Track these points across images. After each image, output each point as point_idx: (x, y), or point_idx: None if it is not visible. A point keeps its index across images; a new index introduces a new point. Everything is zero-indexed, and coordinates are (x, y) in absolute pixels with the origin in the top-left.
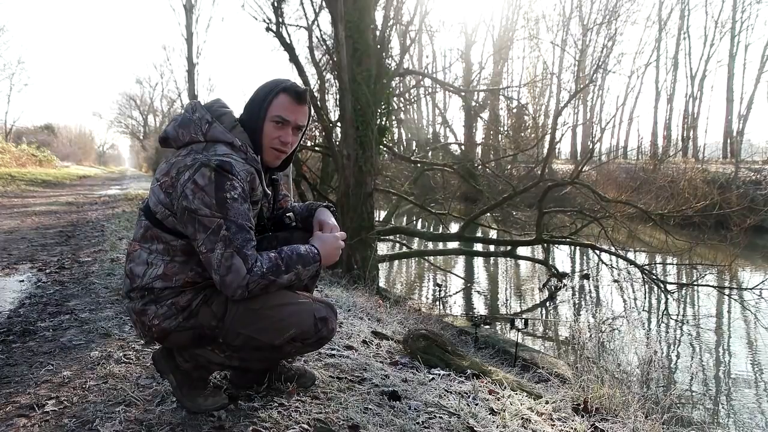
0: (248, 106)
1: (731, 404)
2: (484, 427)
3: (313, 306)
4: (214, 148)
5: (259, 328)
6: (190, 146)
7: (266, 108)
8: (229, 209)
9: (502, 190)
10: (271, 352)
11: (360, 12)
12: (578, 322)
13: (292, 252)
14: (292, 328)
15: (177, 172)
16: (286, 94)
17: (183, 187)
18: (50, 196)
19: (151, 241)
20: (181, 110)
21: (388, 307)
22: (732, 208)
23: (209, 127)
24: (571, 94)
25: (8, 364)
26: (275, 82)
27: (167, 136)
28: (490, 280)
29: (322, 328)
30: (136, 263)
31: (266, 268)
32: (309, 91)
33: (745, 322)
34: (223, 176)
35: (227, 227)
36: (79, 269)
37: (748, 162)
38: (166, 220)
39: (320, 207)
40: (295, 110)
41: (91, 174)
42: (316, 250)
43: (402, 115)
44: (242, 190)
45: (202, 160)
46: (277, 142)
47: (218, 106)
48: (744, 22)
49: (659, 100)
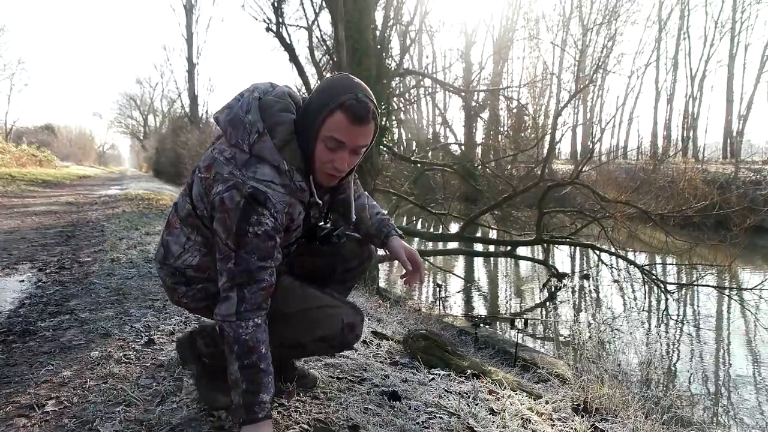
0: (301, 117)
1: (731, 404)
2: (484, 427)
3: (343, 310)
4: (255, 168)
5: (287, 327)
6: (235, 150)
7: (319, 126)
8: (247, 244)
9: (502, 190)
10: (295, 349)
11: (360, 12)
12: (578, 322)
13: (259, 374)
14: (319, 330)
15: (214, 176)
16: (343, 113)
17: (214, 198)
18: (50, 196)
19: (191, 228)
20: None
21: (388, 307)
22: (732, 209)
23: (258, 140)
24: (571, 94)
25: (8, 364)
26: (334, 92)
27: (218, 123)
28: (490, 280)
29: (348, 334)
30: (173, 239)
31: (246, 335)
32: (373, 107)
33: (745, 322)
34: (252, 208)
35: (236, 262)
36: (79, 269)
37: (748, 162)
38: (205, 218)
39: (392, 235)
40: (354, 132)
41: (91, 174)
42: (250, 417)
43: (402, 115)
44: (272, 227)
45: (237, 181)
46: (330, 167)
47: (278, 109)
48: (744, 22)
49: (659, 100)
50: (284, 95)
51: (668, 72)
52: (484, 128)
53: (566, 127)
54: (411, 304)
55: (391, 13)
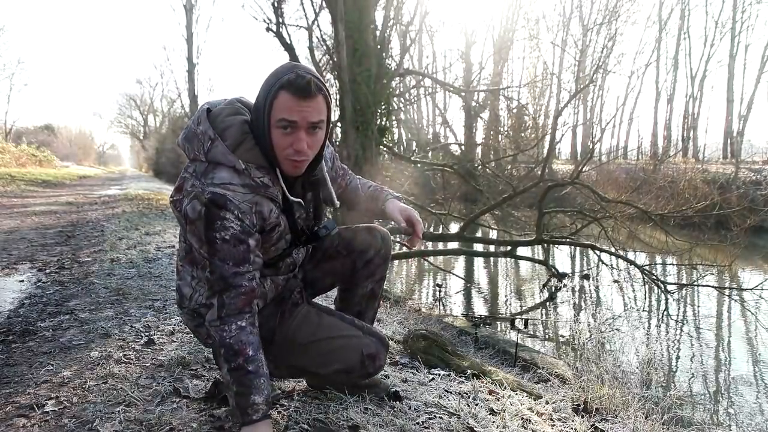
0: (254, 114)
1: (731, 404)
2: (484, 427)
3: (362, 341)
4: (213, 173)
5: (306, 358)
6: (195, 163)
7: (268, 112)
8: (218, 251)
9: (502, 190)
10: (316, 377)
11: (360, 12)
12: (578, 322)
13: (247, 375)
14: (335, 364)
15: (183, 195)
16: (286, 91)
17: (184, 217)
18: (50, 196)
19: (192, 265)
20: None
21: (388, 307)
22: (732, 209)
23: (211, 146)
24: (571, 95)
25: (8, 364)
26: (274, 76)
27: (179, 145)
28: (490, 280)
29: (369, 365)
30: (183, 283)
31: (230, 338)
32: (316, 80)
33: (745, 322)
34: (214, 213)
35: (211, 270)
36: (79, 269)
37: (748, 162)
38: (192, 246)
39: (389, 199)
40: (302, 107)
41: (91, 174)
42: (245, 420)
43: (402, 115)
44: (240, 229)
45: (197, 191)
46: (291, 152)
47: (227, 114)
48: (744, 22)
49: (659, 100)
50: (233, 102)
51: (668, 72)
52: (484, 128)
53: (566, 127)
54: (411, 304)
55: (391, 13)
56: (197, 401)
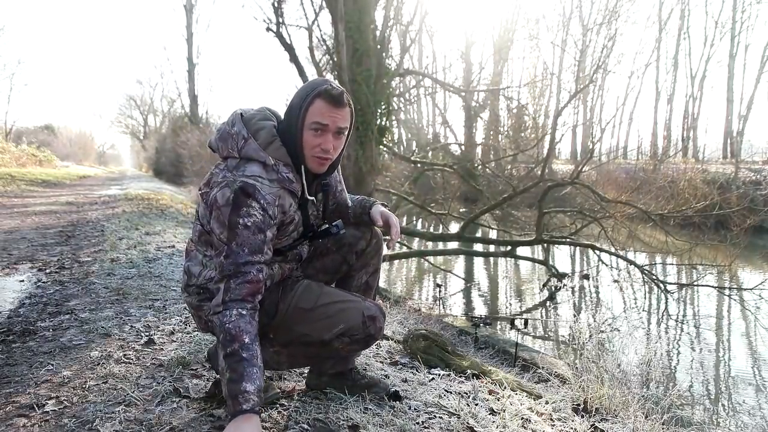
0: (287, 115)
1: (731, 404)
2: (484, 427)
3: (363, 304)
4: (244, 167)
5: (309, 325)
6: (227, 160)
7: (303, 116)
8: (237, 236)
9: (502, 190)
10: (320, 347)
11: (360, 12)
12: (578, 322)
13: (241, 362)
14: (341, 324)
15: (210, 187)
16: (321, 99)
17: (211, 204)
18: (50, 196)
19: (205, 246)
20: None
21: (388, 307)
22: (732, 209)
23: (244, 144)
24: (571, 95)
25: (8, 364)
26: (310, 86)
27: (212, 146)
28: (490, 280)
29: (370, 326)
30: (192, 262)
31: (229, 323)
32: (346, 93)
33: (745, 322)
34: (242, 200)
35: (226, 254)
36: (79, 269)
37: (748, 162)
38: (213, 231)
39: (374, 205)
40: (333, 114)
41: (91, 174)
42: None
43: (402, 115)
44: (262, 217)
45: (229, 180)
46: (318, 150)
47: (259, 119)
48: (744, 22)
49: (659, 101)
50: (263, 109)
51: (668, 72)
52: (484, 128)
53: (566, 127)
54: (411, 304)
55: (391, 13)
56: (197, 401)
